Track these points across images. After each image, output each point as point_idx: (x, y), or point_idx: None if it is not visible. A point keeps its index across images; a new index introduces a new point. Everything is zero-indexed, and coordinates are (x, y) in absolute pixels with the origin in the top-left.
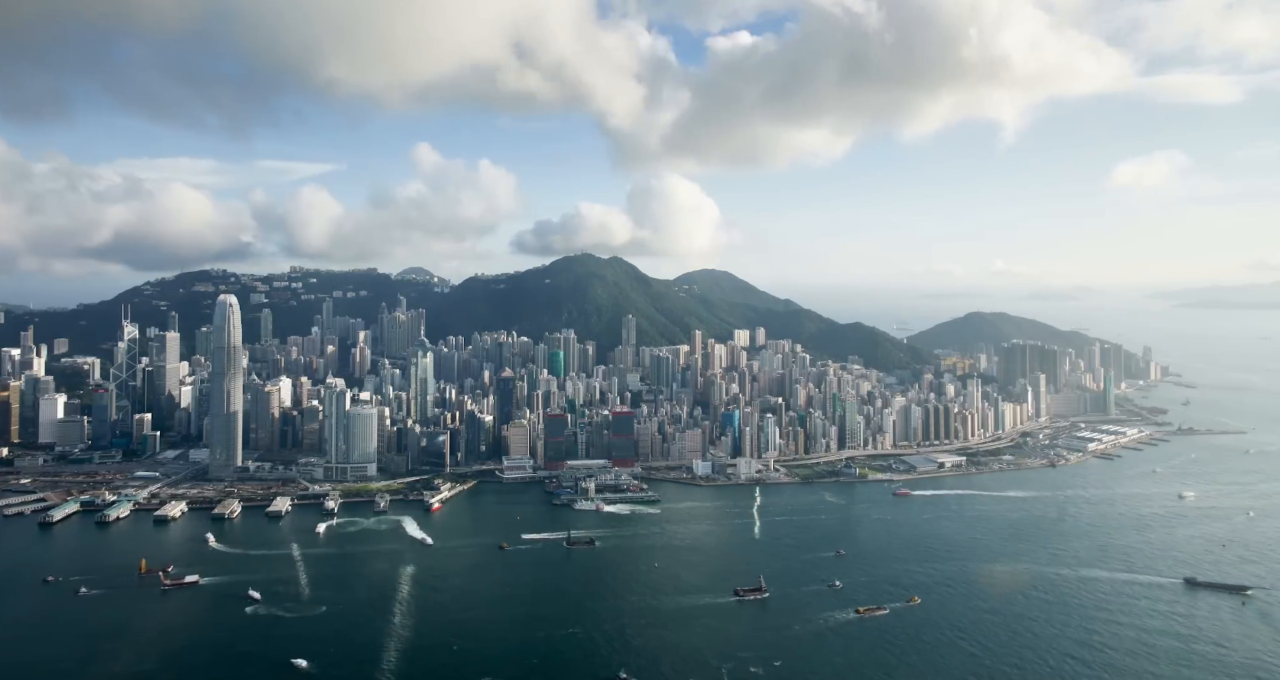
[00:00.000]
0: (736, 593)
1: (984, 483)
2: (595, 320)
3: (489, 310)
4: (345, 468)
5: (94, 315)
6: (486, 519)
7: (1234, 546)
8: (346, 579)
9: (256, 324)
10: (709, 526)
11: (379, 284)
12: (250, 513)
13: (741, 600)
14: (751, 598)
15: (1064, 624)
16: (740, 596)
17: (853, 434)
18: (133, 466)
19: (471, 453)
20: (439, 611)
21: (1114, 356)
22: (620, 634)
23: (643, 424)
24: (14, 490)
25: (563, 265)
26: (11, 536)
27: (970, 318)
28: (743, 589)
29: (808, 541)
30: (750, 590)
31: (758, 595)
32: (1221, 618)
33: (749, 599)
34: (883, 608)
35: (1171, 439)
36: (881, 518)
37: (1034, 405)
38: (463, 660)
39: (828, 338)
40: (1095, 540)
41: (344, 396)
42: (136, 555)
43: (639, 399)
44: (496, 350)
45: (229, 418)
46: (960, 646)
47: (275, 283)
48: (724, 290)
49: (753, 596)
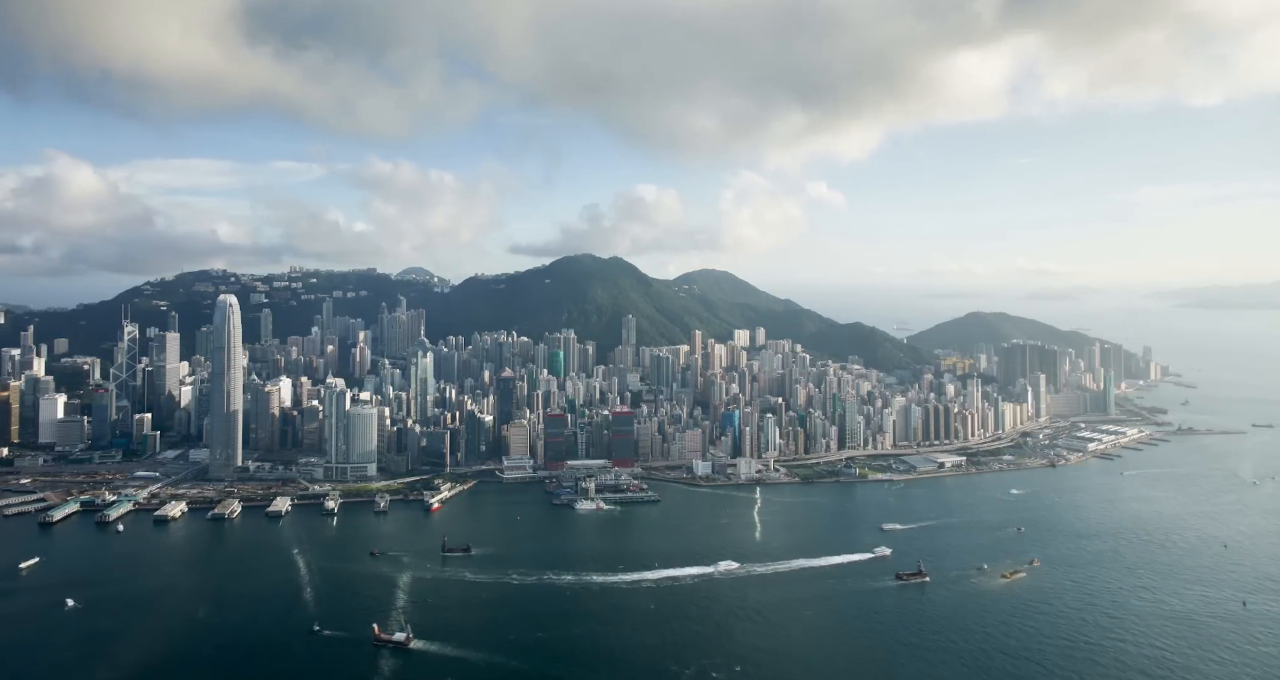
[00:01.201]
0: (898, 576)
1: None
2: (595, 320)
3: (489, 310)
4: (345, 468)
5: (94, 315)
6: (486, 519)
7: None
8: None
9: (256, 324)
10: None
11: (379, 284)
12: (250, 513)
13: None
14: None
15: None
16: (902, 581)
17: (853, 434)
18: (133, 466)
19: (471, 453)
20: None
21: (1114, 356)
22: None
23: (643, 424)
24: (14, 490)
25: (563, 265)
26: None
27: (970, 318)
28: (904, 573)
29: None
30: (911, 574)
31: (918, 579)
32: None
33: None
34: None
35: (1171, 439)
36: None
37: (1034, 405)
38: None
39: (828, 338)
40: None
41: (344, 396)
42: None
43: (639, 399)
44: (496, 350)
45: (229, 418)
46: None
47: (275, 283)
48: (724, 290)
49: (915, 580)
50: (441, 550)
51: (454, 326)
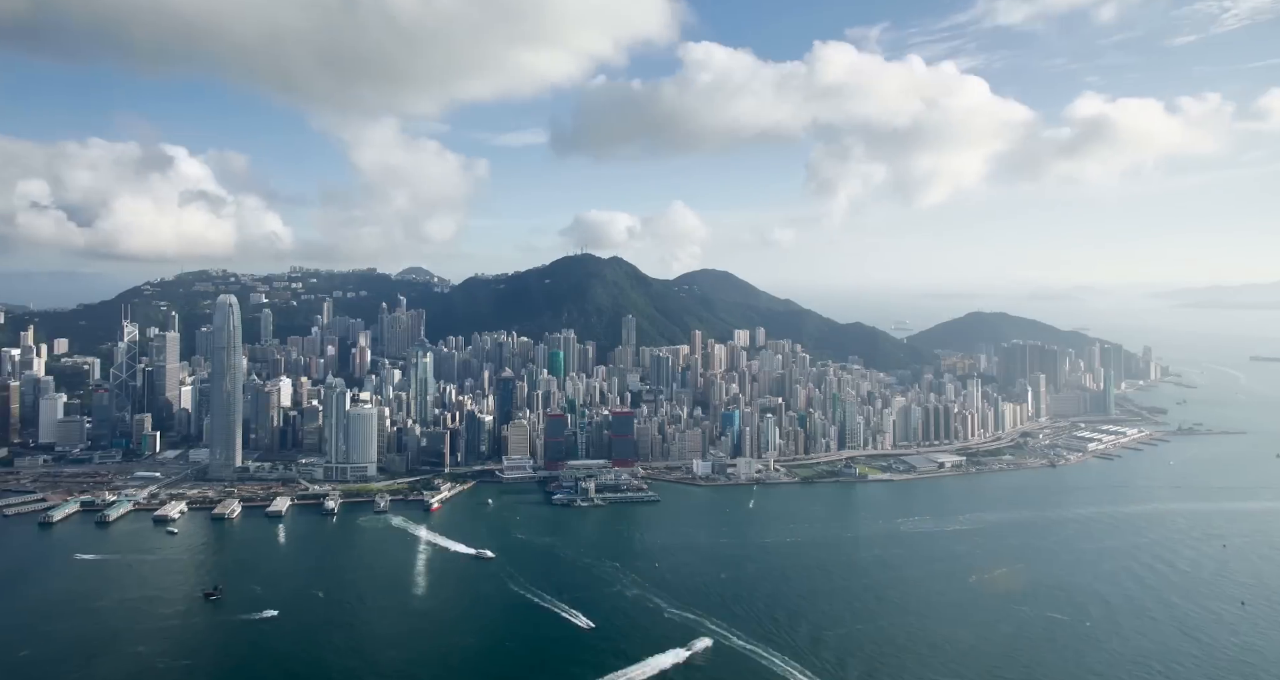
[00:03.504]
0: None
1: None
2: (595, 320)
3: (489, 310)
4: (345, 468)
5: (94, 315)
6: (485, 519)
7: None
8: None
9: (256, 324)
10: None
11: (379, 284)
12: (250, 513)
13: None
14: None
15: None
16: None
17: (853, 434)
18: (133, 466)
19: (471, 453)
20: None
21: (1114, 356)
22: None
23: (643, 424)
24: (14, 490)
25: (563, 265)
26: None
27: (970, 318)
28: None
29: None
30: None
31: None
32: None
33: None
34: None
35: (1171, 439)
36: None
37: (1034, 405)
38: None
39: (828, 338)
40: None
41: (344, 396)
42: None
43: (639, 399)
44: (496, 350)
45: (229, 418)
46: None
47: (275, 283)
48: (724, 290)
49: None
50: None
51: (454, 326)
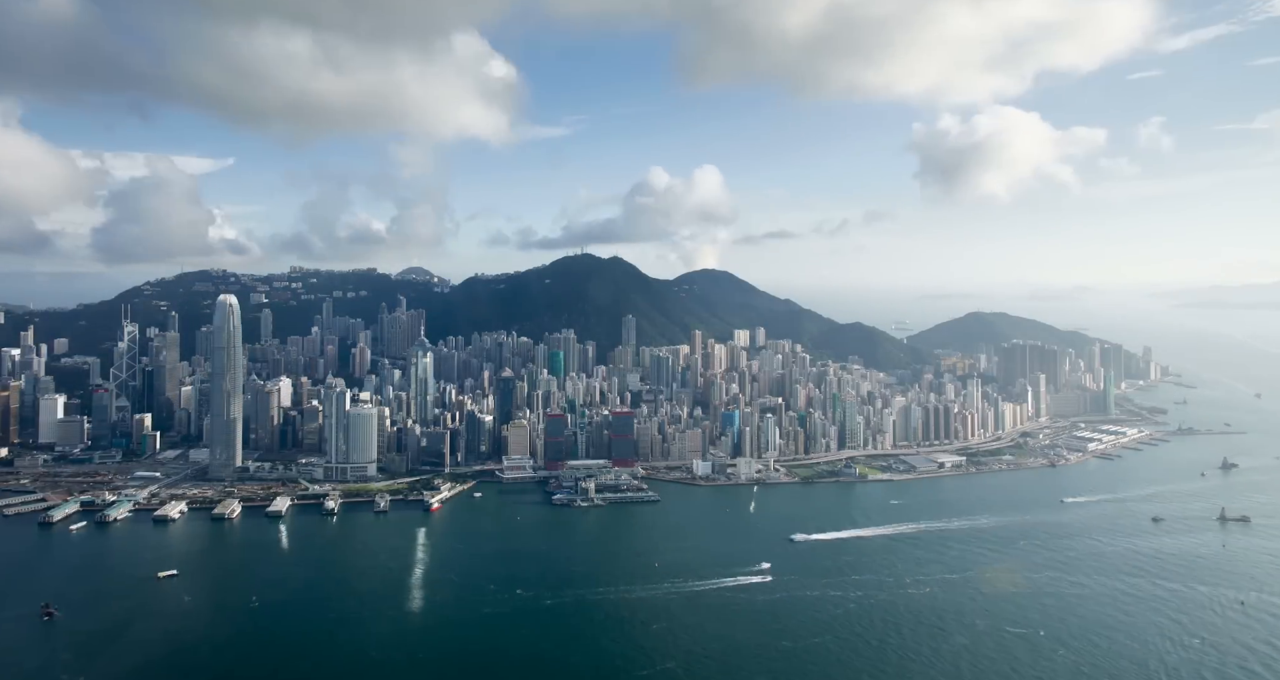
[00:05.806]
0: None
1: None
2: (595, 320)
3: (489, 310)
4: (345, 468)
5: (94, 315)
6: (484, 519)
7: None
8: None
9: (256, 324)
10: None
11: (379, 284)
12: (250, 513)
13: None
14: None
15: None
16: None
17: (853, 434)
18: (133, 466)
19: (471, 453)
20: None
21: (1114, 356)
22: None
23: (643, 424)
24: (14, 490)
25: (563, 265)
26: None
27: (970, 318)
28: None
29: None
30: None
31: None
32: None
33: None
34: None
35: (1171, 439)
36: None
37: (1034, 405)
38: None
39: (828, 338)
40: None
41: (344, 396)
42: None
43: (639, 399)
44: (496, 350)
45: (229, 418)
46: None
47: (275, 283)
48: (724, 290)
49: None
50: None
51: (454, 326)
